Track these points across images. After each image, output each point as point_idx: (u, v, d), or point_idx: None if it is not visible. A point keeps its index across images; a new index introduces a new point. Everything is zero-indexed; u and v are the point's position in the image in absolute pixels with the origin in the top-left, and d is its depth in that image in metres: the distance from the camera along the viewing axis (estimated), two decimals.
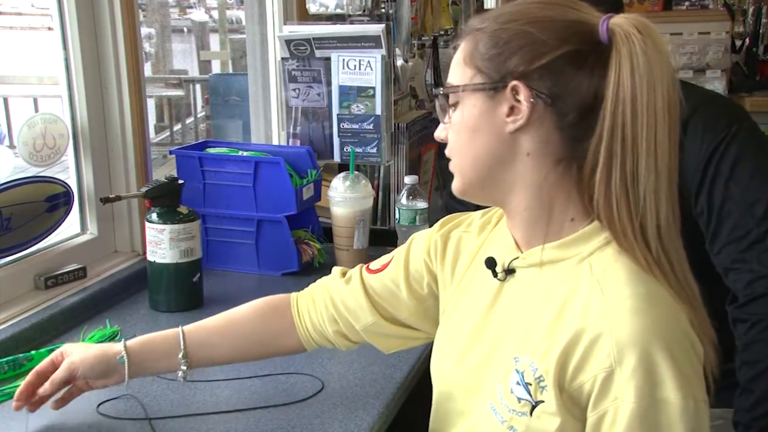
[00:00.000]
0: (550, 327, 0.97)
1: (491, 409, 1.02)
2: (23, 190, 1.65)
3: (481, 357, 1.08)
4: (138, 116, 1.86)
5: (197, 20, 11.57)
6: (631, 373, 0.89)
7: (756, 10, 4.73)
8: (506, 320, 1.05)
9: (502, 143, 0.99)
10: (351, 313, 1.25)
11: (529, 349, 0.99)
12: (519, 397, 0.98)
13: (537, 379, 0.96)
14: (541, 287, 1.01)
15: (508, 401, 0.99)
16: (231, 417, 1.28)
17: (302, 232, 1.97)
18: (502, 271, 1.07)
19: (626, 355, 0.90)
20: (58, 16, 1.76)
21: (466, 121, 1.01)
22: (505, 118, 0.98)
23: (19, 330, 1.50)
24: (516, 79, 0.96)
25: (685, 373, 0.90)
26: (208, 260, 1.89)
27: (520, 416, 0.97)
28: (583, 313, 0.94)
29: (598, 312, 0.93)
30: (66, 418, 1.27)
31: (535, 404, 0.96)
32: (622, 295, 0.93)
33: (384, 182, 2.15)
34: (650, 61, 0.92)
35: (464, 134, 1.01)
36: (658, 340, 0.90)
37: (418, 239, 1.25)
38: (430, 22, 2.76)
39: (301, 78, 2.07)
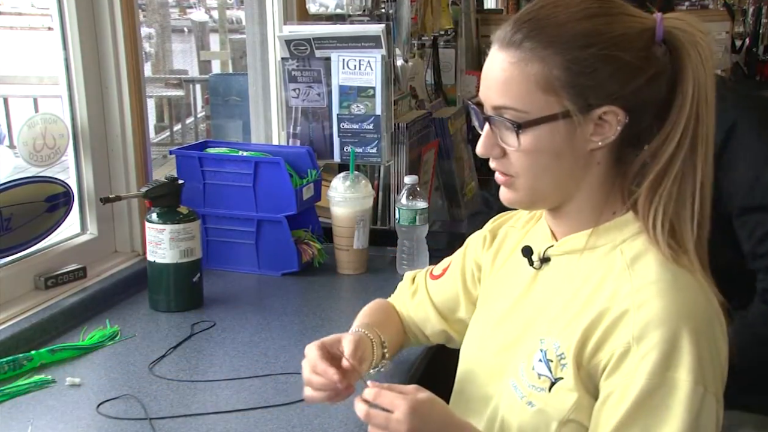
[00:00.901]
0: (577, 309, 1.00)
1: (512, 386, 1.05)
2: (23, 190, 1.65)
3: (509, 340, 1.11)
4: (138, 116, 1.86)
5: (197, 20, 11.58)
6: (650, 351, 0.92)
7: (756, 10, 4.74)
8: (538, 306, 1.09)
9: (582, 161, 1.01)
10: (421, 323, 1.36)
11: (555, 330, 1.02)
12: (540, 373, 1.01)
13: (558, 356, 0.99)
14: (573, 274, 1.05)
15: (529, 377, 1.02)
16: (231, 417, 1.28)
17: (302, 232, 1.97)
18: (537, 260, 1.10)
19: (649, 332, 0.92)
20: (58, 16, 1.76)
21: (546, 146, 0.99)
22: (590, 137, 0.99)
23: (19, 330, 1.50)
24: (610, 104, 0.97)
25: (704, 360, 0.92)
26: (208, 260, 1.89)
27: (539, 392, 1.01)
28: (611, 295, 0.97)
29: (625, 293, 0.96)
30: (66, 418, 1.27)
31: (554, 381, 0.99)
32: (651, 279, 0.96)
33: (384, 182, 2.14)
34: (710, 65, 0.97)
35: (544, 158, 1.00)
36: (688, 322, 0.93)
37: (472, 242, 1.31)
38: (430, 22, 2.76)
39: (301, 78, 2.07)
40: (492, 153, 1.04)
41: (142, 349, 1.52)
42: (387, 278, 1.57)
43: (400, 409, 0.96)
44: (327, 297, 1.81)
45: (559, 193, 1.04)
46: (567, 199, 1.05)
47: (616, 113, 0.97)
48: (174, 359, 1.48)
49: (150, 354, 1.49)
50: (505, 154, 1.03)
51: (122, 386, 1.37)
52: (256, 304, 1.76)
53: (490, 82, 1.01)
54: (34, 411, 1.28)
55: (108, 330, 1.57)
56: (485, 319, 1.21)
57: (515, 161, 1.02)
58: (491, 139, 1.03)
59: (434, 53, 2.99)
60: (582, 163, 1.01)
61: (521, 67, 0.97)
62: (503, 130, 1.00)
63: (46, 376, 1.38)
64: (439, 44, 3.01)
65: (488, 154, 1.04)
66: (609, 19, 0.98)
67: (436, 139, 2.37)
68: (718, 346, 0.96)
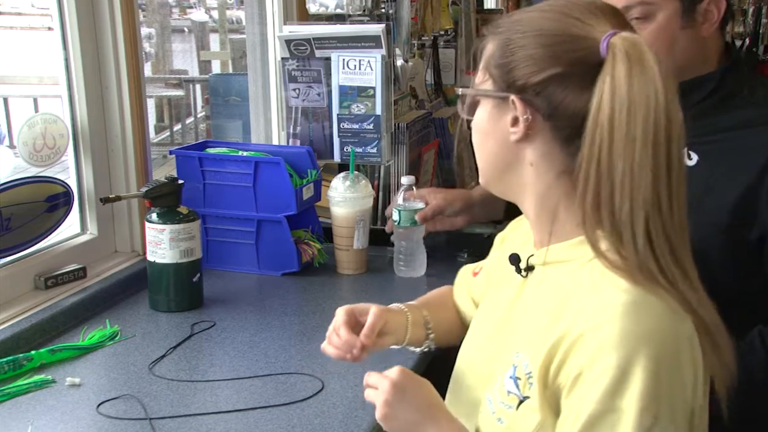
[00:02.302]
0: (544, 327, 0.98)
1: (488, 399, 1.05)
2: (23, 190, 1.65)
3: (495, 349, 1.10)
4: (138, 116, 1.86)
5: (197, 20, 11.59)
6: (600, 375, 0.88)
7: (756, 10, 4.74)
8: (521, 315, 1.08)
9: (508, 151, 1.02)
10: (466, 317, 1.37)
11: (527, 345, 1.00)
12: (509, 390, 1.00)
13: (527, 374, 0.97)
14: (549, 286, 1.03)
15: (501, 394, 1.01)
16: (231, 417, 1.28)
17: (302, 232, 1.97)
18: (524, 269, 1.09)
19: (602, 356, 0.89)
20: (58, 16, 1.76)
21: (479, 124, 1.05)
22: (510, 128, 1.00)
23: (19, 330, 1.50)
24: (515, 93, 0.98)
25: (660, 389, 0.88)
26: (208, 260, 1.89)
27: (507, 409, 1.00)
28: (575, 314, 0.94)
29: (588, 313, 0.93)
30: (66, 418, 1.27)
31: (522, 399, 0.98)
32: (612, 300, 0.92)
33: (384, 182, 2.14)
34: (633, 88, 0.89)
35: (479, 135, 1.05)
36: (645, 348, 0.88)
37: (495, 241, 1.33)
38: (430, 22, 2.76)
39: (301, 78, 2.07)
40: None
41: (142, 349, 1.52)
42: (387, 278, 1.57)
43: (381, 385, 1.07)
44: (327, 297, 1.81)
45: (501, 182, 1.06)
46: (517, 196, 1.06)
47: (519, 106, 0.97)
48: (174, 359, 1.48)
49: (150, 354, 1.49)
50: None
51: (122, 386, 1.37)
52: (256, 304, 1.76)
53: None
54: (34, 411, 1.28)
55: (108, 330, 1.57)
56: (481, 322, 1.20)
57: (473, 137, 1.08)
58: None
59: (434, 53, 2.99)
60: (511, 155, 1.01)
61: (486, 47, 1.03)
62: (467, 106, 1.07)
63: (46, 376, 1.38)
64: (439, 44, 3.00)
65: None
66: (558, 17, 0.97)
67: (436, 139, 2.37)
68: (682, 374, 0.90)
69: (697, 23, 1.42)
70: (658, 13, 1.39)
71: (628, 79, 0.89)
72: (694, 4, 1.41)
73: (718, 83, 1.44)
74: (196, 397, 1.34)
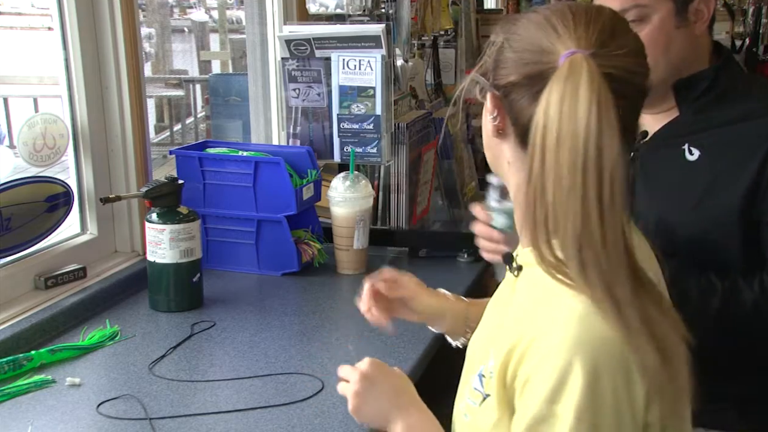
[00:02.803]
0: (512, 326, 0.99)
1: (459, 397, 1.08)
2: (23, 190, 1.65)
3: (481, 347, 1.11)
4: (138, 116, 1.86)
5: (197, 20, 11.59)
6: (543, 381, 0.88)
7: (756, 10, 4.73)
8: (504, 315, 1.08)
9: (494, 144, 1.05)
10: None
11: (496, 344, 1.00)
12: (475, 387, 1.02)
13: (490, 372, 0.99)
14: (529, 287, 1.03)
15: (469, 390, 1.04)
16: (231, 417, 1.28)
17: (302, 232, 1.97)
18: (515, 267, 1.09)
19: (545, 362, 0.89)
20: (58, 16, 1.76)
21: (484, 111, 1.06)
22: (492, 122, 1.02)
23: (19, 330, 1.50)
24: (492, 89, 1.00)
25: (600, 398, 0.87)
26: (208, 260, 1.89)
27: (472, 405, 1.02)
28: (533, 317, 0.95)
29: (543, 318, 0.93)
30: (66, 418, 1.27)
31: (484, 397, 0.99)
32: (563, 306, 0.91)
33: (384, 182, 2.14)
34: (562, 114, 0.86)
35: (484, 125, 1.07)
36: (585, 355, 0.87)
37: None
38: (430, 22, 2.76)
39: (301, 78, 2.07)
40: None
41: (142, 349, 1.52)
42: None
43: (352, 377, 1.13)
44: (327, 297, 1.81)
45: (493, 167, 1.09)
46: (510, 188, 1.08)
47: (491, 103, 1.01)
48: (174, 359, 1.48)
49: (150, 354, 1.49)
50: None
51: (122, 386, 1.37)
52: (256, 304, 1.76)
53: None
54: (34, 411, 1.28)
55: (108, 330, 1.57)
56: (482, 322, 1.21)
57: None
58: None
59: (434, 53, 2.99)
60: (497, 149, 1.04)
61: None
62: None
63: (46, 376, 1.38)
64: (439, 44, 3.00)
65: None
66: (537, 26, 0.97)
67: (436, 136, 2.37)
68: (630, 388, 0.88)
69: (690, 22, 1.46)
70: (652, 14, 1.44)
71: (559, 105, 0.86)
72: (686, 3, 1.45)
73: (712, 80, 1.48)
74: (196, 397, 1.34)
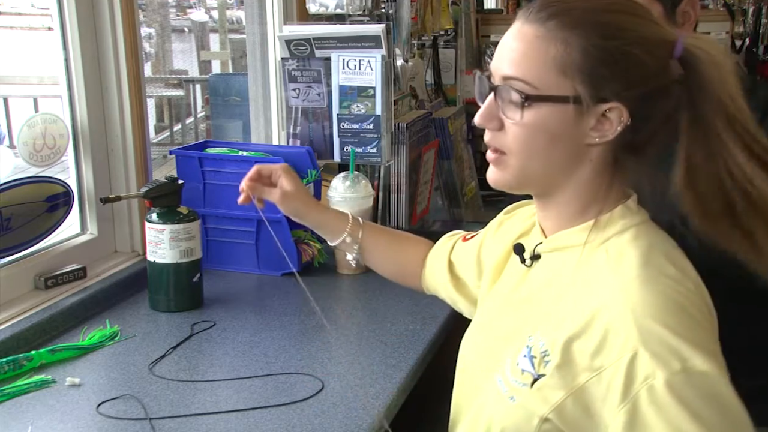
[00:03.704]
0: (566, 309, 0.99)
1: (498, 381, 1.05)
2: (23, 190, 1.65)
3: (498, 336, 1.11)
4: (138, 116, 1.86)
5: (197, 20, 11.58)
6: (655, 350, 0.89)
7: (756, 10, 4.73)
8: (528, 303, 1.09)
9: (576, 153, 1.01)
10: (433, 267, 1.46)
11: (542, 328, 1.01)
12: (523, 369, 1.00)
13: (542, 353, 0.98)
14: (562, 271, 1.05)
15: (513, 373, 1.02)
16: (231, 417, 1.28)
17: (302, 232, 1.97)
18: (529, 258, 1.11)
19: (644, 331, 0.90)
20: (58, 16, 1.76)
21: (547, 126, 0.99)
22: (590, 132, 0.99)
23: (19, 330, 1.50)
24: (617, 101, 0.97)
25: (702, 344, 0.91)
26: (208, 260, 1.89)
27: (521, 387, 1.00)
28: (596, 296, 0.96)
29: (610, 294, 0.95)
30: (66, 418, 1.27)
31: (536, 377, 0.99)
32: (632, 275, 0.95)
33: (384, 182, 2.14)
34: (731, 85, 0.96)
35: (540, 139, 1.00)
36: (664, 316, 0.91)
37: (491, 224, 1.34)
38: (430, 22, 2.76)
39: (301, 78, 2.07)
40: (490, 124, 1.02)
41: (142, 349, 1.52)
42: (387, 278, 1.57)
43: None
44: (327, 297, 1.81)
45: (546, 180, 1.04)
46: (554, 190, 1.05)
47: (621, 113, 0.97)
48: (174, 359, 1.48)
49: (150, 354, 1.49)
50: (502, 128, 1.02)
51: (122, 386, 1.37)
52: (256, 304, 1.76)
53: (506, 53, 1.00)
54: (34, 411, 1.28)
55: (108, 330, 1.57)
56: (482, 314, 1.22)
57: (512, 136, 1.01)
58: (493, 110, 1.02)
59: (434, 53, 2.99)
60: (575, 155, 1.01)
61: (541, 43, 0.97)
62: (508, 101, 1.00)
63: (46, 376, 1.38)
64: (439, 44, 3.01)
65: (486, 124, 1.03)
66: (636, 19, 0.98)
67: (436, 139, 2.37)
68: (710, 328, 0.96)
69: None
70: None
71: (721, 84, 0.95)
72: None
73: None
74: (196, 397, 1.34)
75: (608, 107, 0.97)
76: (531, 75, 0.98)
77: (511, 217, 1.29)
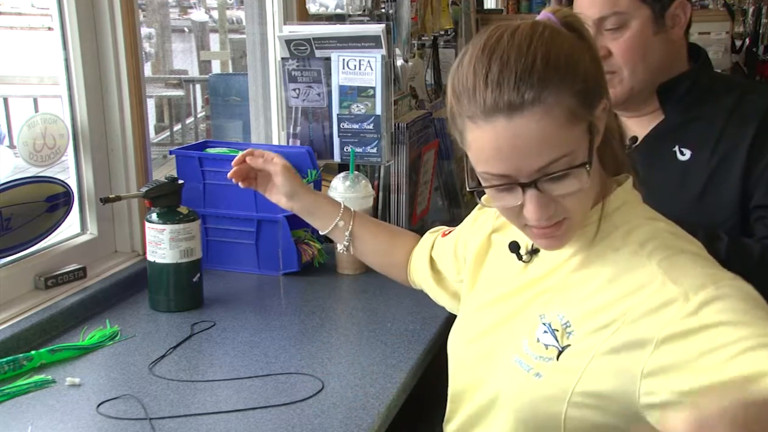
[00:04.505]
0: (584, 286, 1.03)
1: (516, 361, 1.06)
2: (23, 190, 1.65)
3: (504, 321, 1.12)
4: (138, 116, 1.86)
5: (197, 20, 11.57)
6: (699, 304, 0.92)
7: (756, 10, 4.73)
8: (531, 288, 1.11)
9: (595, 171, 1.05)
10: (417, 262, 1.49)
11: (556, 305, 1.04)
12: (546, 344, 1.02)
13: (564, 325, 1.01)
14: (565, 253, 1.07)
15: (534, 350, 1.04)
16: (231, 417, 1.28)
17: (302, 232, 1.97)
18: (526, 253, 1.13)
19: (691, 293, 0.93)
20: (58, 16, 1.76)
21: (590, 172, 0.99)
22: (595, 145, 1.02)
23: (19, 330, 1.50)
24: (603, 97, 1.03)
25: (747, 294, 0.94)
26: (208, 260, 1.89)
27: (546, 362, 1.02)
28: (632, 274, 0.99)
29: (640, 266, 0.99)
30: (66, 418, 1.27)
31: (561, 349, 1.01)
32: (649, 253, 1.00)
33: (384, 182, 2.14)
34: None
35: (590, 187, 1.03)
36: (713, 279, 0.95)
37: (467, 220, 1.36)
38: (430, 22, 2.76)
39: (301, 78, 2.07)
40: (554, 212, 1.00)
41: (142, 349, 1.52)
42: (387, 278, 1.57)
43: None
44: (327, 297, 1.81)
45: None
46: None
47: (605, 105, 1.02)
48: (174, 359, 1.48)
49: (150, 354, 1.49)
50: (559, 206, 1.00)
51: (122, 386, 1.37)
52: (256, 304, 1.76)
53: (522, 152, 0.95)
54: (34, 411, 1.28)
55: (108, 330, 1.57)
56: (470, 308, 1.22)
57: (571, 203, 0.99)
58: (544, 201, 0.98)
59: (434, 53, 2.99)
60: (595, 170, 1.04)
61: (548, 118, 0.94)
62: (558, 182, 0.97)
63: (46, 376, 1.38)
64: (439, 44, 3.01)
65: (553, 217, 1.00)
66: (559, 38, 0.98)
67: (436, 139, 2.37)
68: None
69: (668, 27, 1.50)
70: (631, 21, 1.47)
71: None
72: (663, 9, 1.49)
73: (693, 81, 1.53)
74: (196, 397, 1.34)
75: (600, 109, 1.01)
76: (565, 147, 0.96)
77: (485, 212, 1.30)
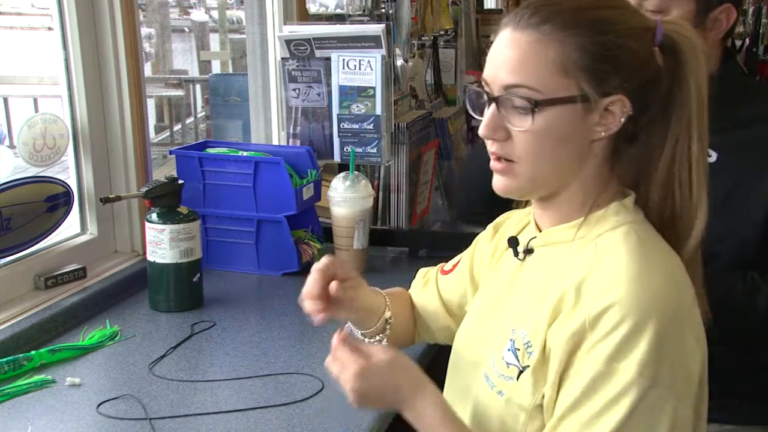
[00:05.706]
0: (543, 297, 1.00)
1: (485, 376, 1.06)
2: (23, 190, 1.65)
3: (488, 331, 1.11)
4: (138, 116, 1.86)
5: (197, 20, 11.57)
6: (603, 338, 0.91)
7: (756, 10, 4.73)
8: (515, 297, 1.09)
9: (582, 150, 1.01)
10: (429, 316, 1.32)
11: (523, 320, 1.02)
12: (508, 362, 1.01)
13: (525, 344, 0.99)
14: (549, 265, 1.05)
15: (499, 367, 1.03)
16: (231, 417, 1.28)
17: (302, 232, 1.97)
18: (522, 251, 1.11)
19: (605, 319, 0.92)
20: (58, 16, 1.76)
21: (556, 129, 0.98)
22: (595, 127, 0.99)
23: (19, 330, 1.50)
24: (620, 93, 0.97)
25: (662, 359, 0.90)
26: (208, 260, 1.89)
27: (507, 381, 1.01)
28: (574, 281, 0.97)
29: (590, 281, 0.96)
30: (66, 418, 1.27)
31: (521, 369, 1.00)
32: (619, 269, 0.95)
33: (384, 182, 2.14)
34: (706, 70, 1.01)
35: (549, 142, 0.99)
36: (651, 316, 0.91)
37: (480, 237, 1.29)
38: (430, 22, 2.76)
39: (301, 78, 2.07)
40: (497, 135, 1.01)
41: (142, 349, 1.52)
42: (387, 278, 1.57)
43: (348, 370, 1.02)
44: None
45: (556, 181, 1.03)
46: (561, 189, 1.04)
47: (623, 104, 0.98)
48: (174, 359, 1.48)
49: (150, 354, 1.49)
50: (509, 137, 1.00)
51: (122, 386, 1.37)
52: (256, 304, 1.76)
53: (503, 61, 0.99)
54: (34, 411, 1.28)
55: (108, 330, 1.57)
56: (474, 310, 1.22)
57: (520, 144, 1.00)
58: (497, 121, 1.00)
59: (434, 53, 2.99)
60: (582, 152, 1.01)
61: (538, 47, 0.97)
62: (512, 110, 0.99)
63: (46, 376, 1.38)
64: (439, 44, 3.00)
65: (493, 135, 1.01)
66: (623, 12, 1.00)
67: (436, 139, 2.37)
68: (685, 348, 0.94)
69: (706, 29, 1.44)
70: (672, 8, 1.41)
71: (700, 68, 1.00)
72: (708, 10, 1.43)
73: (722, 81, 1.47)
74: (196, 397, 1.34)
75: (611, 100, 0.97)
76: (534, 80, 0.97)
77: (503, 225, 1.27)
